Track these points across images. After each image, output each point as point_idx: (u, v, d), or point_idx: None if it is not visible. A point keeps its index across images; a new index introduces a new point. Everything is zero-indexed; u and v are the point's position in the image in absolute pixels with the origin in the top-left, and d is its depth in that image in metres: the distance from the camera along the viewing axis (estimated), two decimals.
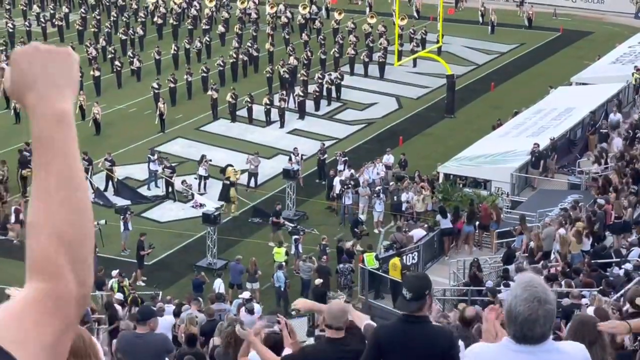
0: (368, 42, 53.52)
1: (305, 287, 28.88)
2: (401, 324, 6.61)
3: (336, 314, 7.37)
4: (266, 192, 37.06)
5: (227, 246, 32.22)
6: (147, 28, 57.61)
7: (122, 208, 33.10)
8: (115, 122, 44.50)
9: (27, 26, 56.74)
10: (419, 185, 34.03)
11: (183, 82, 46.96)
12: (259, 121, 44.54)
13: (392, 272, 27.54)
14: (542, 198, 32.44)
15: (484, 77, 52.12)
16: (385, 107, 47.49)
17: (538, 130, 37.17)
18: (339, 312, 7.39)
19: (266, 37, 55.14)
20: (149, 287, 29.14)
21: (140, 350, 10.72)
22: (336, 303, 7.73)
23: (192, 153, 40.26)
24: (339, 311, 7.41)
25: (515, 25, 61.41)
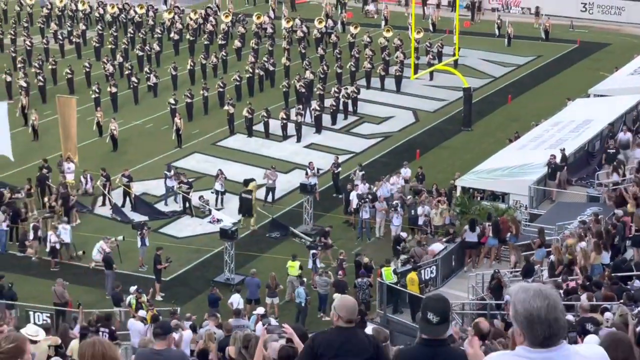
0: (384, 56, 53.49)
1: (322, 302, 28.81)
2: (422, 348, 6.53)
3: (351, 308, 7.46)
4: (283, 207, 37.01)
5: (245, 261, 32.17)
6: (164, 44, 57.78)
7: (139, 224, 33.12)
8: (133, 138, 44.60)
9: (44, 43, 56.99)
10: (436, 199, 33.93)
11: (200, 97, 47.03)
12: (275, 136, 44.55)
13: (410, 287, 27.44)
14: (560, 211, 32.26)
15: (501, 89, 51.98)
16: (402, 121, 47.41)
17: (556, 142, 37.00)
18: (354, 305, 7.51)
19: (282, 51, 55.20)
20: (167, 303, 29.10)
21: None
22: (348, 298, 7.75)
23: (209, 168, 40.28)
24: (353, 305, 7.52)
25: (532, 38, 61.25)
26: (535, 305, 4.49)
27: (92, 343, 5.71)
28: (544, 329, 4.49)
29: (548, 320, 4.47)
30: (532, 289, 4.57)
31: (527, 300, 4.52)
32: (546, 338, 4.50)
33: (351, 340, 7.44)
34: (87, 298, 29.30)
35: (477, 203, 33.03)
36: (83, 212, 36.59)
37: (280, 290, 29.38)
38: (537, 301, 4.50)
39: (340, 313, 7.48)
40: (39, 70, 50.45)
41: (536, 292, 4.53)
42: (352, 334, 7.49)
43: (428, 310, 6.50)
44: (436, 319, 6.39)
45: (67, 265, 32.53)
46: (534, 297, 4.52)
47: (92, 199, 37.75)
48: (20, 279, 30.88)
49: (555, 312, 4.49)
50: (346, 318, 7.44)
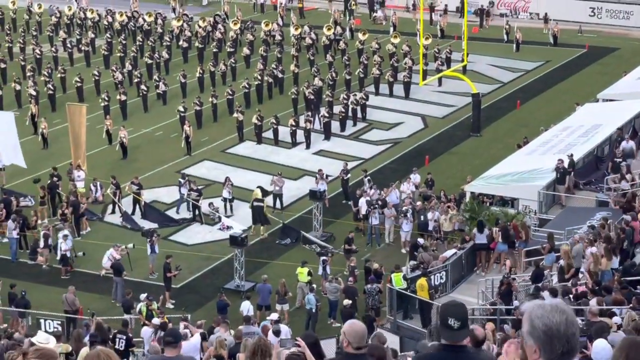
0: (393, 62, 53.53)
1: (333, 308, 28.84)
2: (445, 354, 6.55)
3: (361, 334, 7.42)
4: (293, 214, 37.07)
5: (254, 268, 32.22)
6: (173, 52, 57.91)
7: (149, 231, 33.20)
8: (142, 145, 44.71)
9: (53, 52, 57.18)
10: (445, 205, 33.95)
11: (209, 104, 47.13)
12: (284, 142, 44.62)
13: (419, 293, 27.44)
14: (570, 216, 32.23)
15: (510, 95, 51.97)
16: (411, 127, 47.44)
17: (565, 147, 36.98)
18: (363, 332, 7.46)
19: (291, 58, 55.28)
20: (178, 311, 29.16)
21: None
22: (358, 323, 7.71)
23: (219, 176, 40.35)
24: (363, 332, 7.47)
25: (540, 43, 61.24)
26: (555, 320, 4.50)
27: (96, 354, 5.74)
28: (562, 344, 4.51)
29: (567, 335, 4.49)
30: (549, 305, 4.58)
31: (545, 315, 4.53)
32: (564, 353, 4.52)
33: None
34: (97, 305, 29.37)
35: (486, 208, 33.02)
36: (93, 219, 36.70)
37: (290, 297, 29.42)
38: (556, 316, 4.51)
39: (350, 339, 7.43)
40: (48, 79, 50.61)
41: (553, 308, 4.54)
42: None
43: (448, 316, 6.50)
44: (457, 324, 6.41)
45: (78, 273, 32.61)
46: (552, 312, 4.53)
47: (102, 206, 37.87)
48: (31, 287, 30.96)
49: (573, 327, 4.53)
50: (355, 345, 7.39)
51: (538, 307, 4.58)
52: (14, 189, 38.05)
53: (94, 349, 5.92)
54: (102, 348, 5.83)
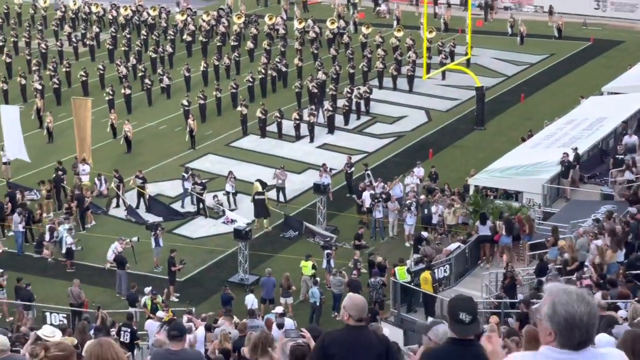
0: (396, 56, 53.50)
1: (337, 302, 28.87)
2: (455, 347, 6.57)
3: (361, 306, 7.54)
4: (297, 207, 37.12)
5: (258, 262, 32.27)
6: (177, 46, 57.95)
7: (153, 225, 33.25)
8: (146, 139, 44.76)
9: (58, 46, 57.22)
10: (449, 198, 33.97)
11: (213, 98, 47.17)
12: (288, 136, 44.65)
13: (423, 286, 27.46)
14: (574, 209, 32.21)
15: (514, 88, 51.94)
16: (415, 120, 47.45)
17: (569, 140, 36.96)
18: (364, 304, 7.58)
19: (295, 52, 55.29)
20: (182, 304, 29.24)
21: None
22: (357, 296, 7.80)
23: (223, 169, 40.40)
24: (363, 303, 7.59)
25: (545, 36, 61.17)
26: (580, 310, 4.51)
27: (98, 343, 5.79)
28: (582, 334, 4.53)
29: (587, 325, 4.51)
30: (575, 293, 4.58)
31: (570, 303, 4.53)
32: (580, 343, 4.55)
33: (361, 339, 7.51)
34: (102, 299, 29.45)
35: (490, 202, 33.02)
36: (98, 213, 36.77)
37: (294, 291, 29.46)
38: (582, 307, 4.52)
39: (350, 312, 7.55)
40: (53, 73, 50.68)
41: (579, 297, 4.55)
42: (362, 333, 7.56)
43: (459, 311, 6.50)
44: (468, 318, 6.43)
45: (83, 267, 32.69)
46: (578, 302, 4.53)
47: (106, 200, 37.93)
48: (37, 280, 31.10)
49: (594, 319, 4.56)
50: (356, 317, 7.51)
51: (563, 293, 4.57)
52: (19, 183, 38.09)
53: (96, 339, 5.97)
54: (103, 338, 5.89)
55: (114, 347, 5.73)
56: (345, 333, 7.57)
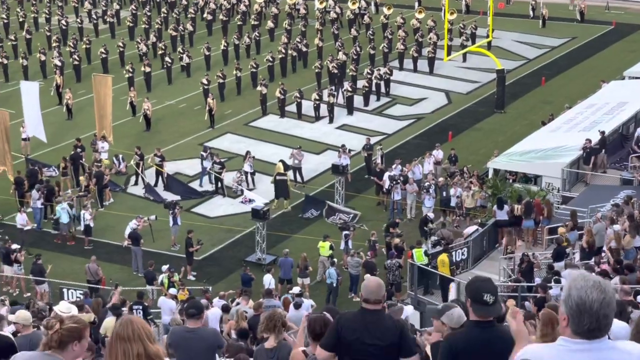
0: (417, 37, 53.31)
1: (354, 283, 28.87)
2: (475, 331, 6.55)
3: (373, 289, 7.51)
4: (315, 187, 37.10)
5: (276, 241, 32.29)
6: (197, 24, 57.93)
7: (171, 203, 33.30)
8: (165, 117, 44.80)
9: (79, 23, 57.29)
10: (467, 180, 33.88)
11: (232, 77, 47.15)
12: (307, 116, 44.59)
13: (440, 269, 27.44)
14: (593, 194, 32.08)
15: (535, 71, 51.69)
16: (435, 102, 47.29)
17: (590, 125, 36.76)
18: (376, 286, 7.55)
19: (315, 32, 55.16)
20: (199, 283, 29.33)
21: (192, 345, 10.75)
22: (371, 278, 7.79)
23: (241, 148, 40.42)
24: (376, 286, 7.56)
25: (566, 19, 60.80)
26: (592, 296, 4.49)
27: (125, 322, 5.84)
28: (591, 321, 4.50)
29: (598, 314, 4.48)
30: (592, 280, 4.56)
31: (584, 289, 4.52)
32: (590, 330, 4.51)
33: (374, 323, 7.48)
34: (119, 276, 29.54)
35: (509, 185, 32.92)
36: (116, 191, 36.84)
37: (311, 271, 29.47)
38: (594, 293, 4.49)
39: (363, 293, 7.55)
40: (73, 50, 50.77)
41: (595, 284, 4.52)
42: (375, 317, 7.52)
43: (483, 292, 6.48)
44: (491, 298, 6.43)
45: (101, 244, 32.80)
46: (592, 289, 4.51)
47: (125, 178, 38.01)
48: (55, 257, 31.26)
49: (607, 309, 4.51)
50: (372, 299, 7.48)
51: (580, 279, 4.56)
52: (38, 160, 38.20)
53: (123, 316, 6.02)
54: (130, 316, 5.95)
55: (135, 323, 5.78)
56: (359, 316, 7.55)
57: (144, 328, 5.75)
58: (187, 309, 11.16)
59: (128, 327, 5.69)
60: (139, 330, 5.70)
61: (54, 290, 28.24)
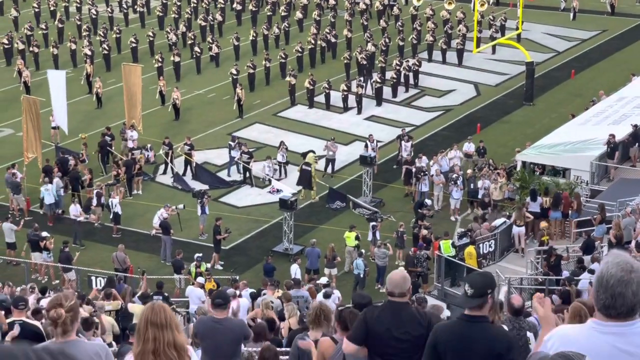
0: (446, 29, 53.14)
1: (380, 274, 28.88)
2: (459, 324, 6.57)
3: (398, 282, 7.53)
4: (344, 178, 37.12)
5: (303, 232, 32.35)
6: (226, 14, 58.02)
7: (199, 192, 33.43)
8: (194, 107, 44.95)
9: (109, 12, 57.56)
10: (494, 173, 33.79)
11: (261, 68, 47.21)
12: (336, 107, 44.59)
13: (468, 261, 27.40)
14: (622, 187, 31.90)
15: (564, 64, 51.39)
16: (464, 94, 47.16)
17: (620, 118, 36.54)
18: (401, 279, 7.57)
19: (344, 23, 55.11)
20: (226, 272, 29.44)
21: (219, 335, 10.75)
22: (397, 272, 7.81)
23: (270, 138, 40.50)
24: (400, 279, 7.58)
25: (597, 12, 60.39)
26: (611, 272, 4.48)
27: (158, 307, 5.86)
28: (606, 297, 4.48)
29: (613, 290, 4.46)
30: (620, 258, 4.53)
31: (608, 263, 4.52)
32: (605, 307, 4.51)
33: (402, 315, 7.49)
34: (146, 264, 29.73)
35: (537, 178, 32.80)
36: (145, 180, 37.00)
37: (338, 262, 29.51)
38: (614, 269, 4.48)
39: (388, 286, 7.57)
40: (103, 39, 51.01)
41: (620, 262, 4.51)
42: (402, 309, 7.54)
43: (466, 282, 6.60)
44: (470, 291, 6.44)
45: (129, 232, 32.99)
46: (615, 265, 4.50)
47: (154, 167, 38.17)
48: (84, 245, 31.55)
49: (622, 287, 4.45)
50: (397, 292, 7.50)
51: (612, 255, 4.57)
52: (68, 148, 38.42)
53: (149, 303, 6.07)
54: (157, 302, 5.98)
55: (167, 310, 5.81)
56: (387, 309, 7.58)
57: (173, 317, 5.80)
58: (214, 298, 11.20)
59: (161, 313, 5.71)
60: (170, 318, 5.73)
61: (82, 278, 28.46)
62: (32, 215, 33.68)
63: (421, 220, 31.01)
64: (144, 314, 5.71)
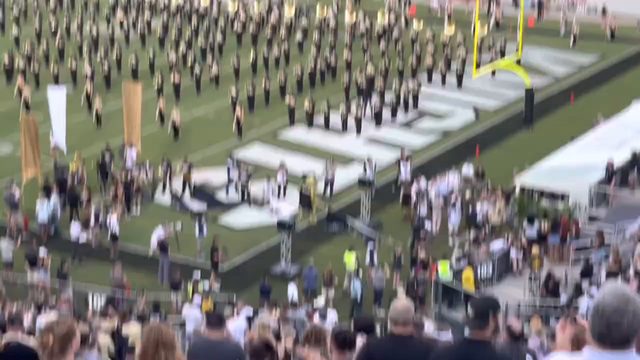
0: (446, 52, 53.25)
1: (378, 296, 28.83)
2: (462, 346, 6.51)
3: (401, 311, 7.42)
4: (342, 200, 37.10)
5: (301, 253, 32.30)
6: (227, 35, 58.13)
7: (198, 212, 33.41)
8: (194, 127, 44.96)
9: (110, 32, 57.64)
10: (492, 196, 33.77)
11: (261, 89, 47.25)
12: (335, 129, 44.60)
13: (465, 284, 27.36)
14: (621, 212, 31.92)
15: (564, 89, 51.46)
16: (463, 118, 47.19)
17: (618, 143, 36.58)
18: (404, 309, 7.45)
19: (344, 45, 55.23)
20: (223, 292, 29.36)
21: (214, 357, 10.69)
22: (401, 300, 7.71)
23: (269, 159, 40.51)
24: (404, 308, 7.46)
25: (597, 37, 60.51)
26: (606, 301, 4.46)
27: (149, 328, 5.85)
28: (601, 325, 4.46)
29: (609, 320, 4.43)
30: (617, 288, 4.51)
31: (605, 293, 4.50)
32: (601, 336, 4.48)
33: (405, 348, 7.36)
34: (144, 283, 29.66)
35: (535, 202, 32.79)
36: (143, 199, 36.92)
37: (336, 284, 29.43)
38: (611, 299, 4.45)
39: (391, 315, 7.46)
40: (104, 58, 51.07)
41: (616, 292, 4.49)
42: (406, 341, 7.40)
43: (469, 305, 6.56)
44: (473, 313, 6.41)
45: (126, 251, 32.93)
46: (611, 294, 4.48)
47: (152, 186, 38.14)
48: (80, 263, 31.48)
49: (618, 317, 4.42)
50: (401, 321, 7.36)
51: (609, 284, 4.55)
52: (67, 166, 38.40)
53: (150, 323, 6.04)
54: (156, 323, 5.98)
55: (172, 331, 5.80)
56: (390, 339, 7.48)
57: (175, 337, 5.81)
58: (209, 319, 11.15)
59: (169, 334, 5.70)
60: (174, 339, 5.74)
61: (79, 297, 28.38)
62: (30, 233, 33.62)
63: (418, 241, 31.03)
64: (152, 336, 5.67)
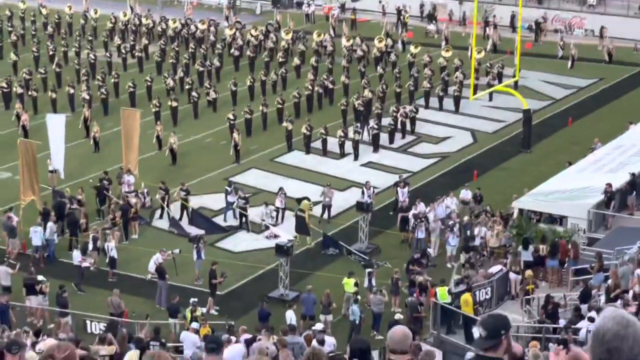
0: (444, 76, 53.36)
1: (376, 321, 28.75)
2: None
3: (399, 339, 7.31)
4: (340, 224, 37.07)
5: (299, 278, 32.24)
6: (224, 60, 58.25)
7: (196, 237, 33.37)
8: (191, 152, 44.98)
9: (108, 57, 57.78)
10: (491, 220, 33.75)
11: (258, 113, 47.31)
12: (333, 153, 44.65)
13: (464, 308, 27.28)
14: (620, 235, 31.85)
15: (562, 112, 51.56)
16: (460, 141, 47.23)
17: (617, 166, 36.60)
18: (402, 336, 7.32)
19: (342, 69, 55.35)
20: (221, 317, 29.29)
21: None
22: (398, 328, 7.63)
23: (267, 184, 40.49)
24: (402, 335, 7.33)
25: (595, 60, 60.67)
26: (607, 326, 4.42)
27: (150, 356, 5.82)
28: (602, 351, 4.42)
29: (609, 345, 4.40)
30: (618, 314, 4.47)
31: (605, 318, 4.47)
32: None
33: None
34: (142, 309, 29.57)
35: (534, 225, 32.76)
36: (141, 224, 36.94)
37: (334, 308, 29.38)
38: (611, 324, 4.42)
39: (389, 344, 7.35)
40: (101, 83, 51.18)
41: (617, 317, 4.45)
42: None
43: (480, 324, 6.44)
44: (484, 333, 6.32)
45: (124, 277, 32.88)
46: (612, 319, 4.44)
47: (150, 211, 38.13)
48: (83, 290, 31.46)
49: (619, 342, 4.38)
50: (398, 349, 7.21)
51: (609, 310, 4.51)
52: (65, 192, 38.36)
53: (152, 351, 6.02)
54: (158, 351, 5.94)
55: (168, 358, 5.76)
56: None
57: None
58: (207, 343, 11.13)
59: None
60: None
61: (77, 323, 28.27)
62: (27, 259, 33.54)
63: (412, 265, 31.01)
64: None
